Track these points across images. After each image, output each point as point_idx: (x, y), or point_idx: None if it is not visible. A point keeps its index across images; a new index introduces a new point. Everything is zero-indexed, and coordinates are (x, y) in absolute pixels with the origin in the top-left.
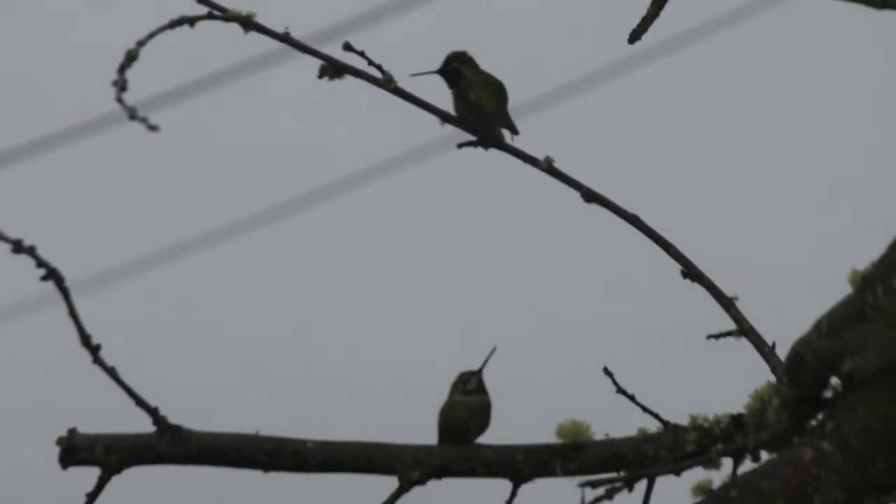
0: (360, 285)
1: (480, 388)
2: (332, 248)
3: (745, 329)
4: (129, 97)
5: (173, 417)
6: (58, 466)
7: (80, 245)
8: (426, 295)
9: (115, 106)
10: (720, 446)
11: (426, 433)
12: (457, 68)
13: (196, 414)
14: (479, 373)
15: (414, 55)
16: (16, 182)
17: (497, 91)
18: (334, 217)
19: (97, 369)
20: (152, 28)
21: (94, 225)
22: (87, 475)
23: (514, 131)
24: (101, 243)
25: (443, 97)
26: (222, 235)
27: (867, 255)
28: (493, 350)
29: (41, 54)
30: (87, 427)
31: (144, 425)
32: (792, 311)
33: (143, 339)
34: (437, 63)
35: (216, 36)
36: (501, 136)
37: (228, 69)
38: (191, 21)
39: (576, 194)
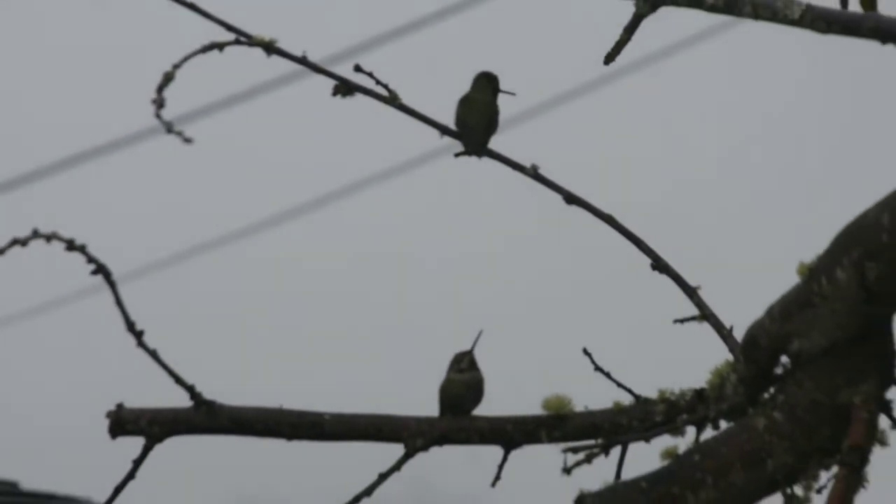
0: (370, 275)
1: (473, 366)
2: (343, 242)
3: (706, 314)
4: (167, 111)
5: (208, 393)
6: (107, 436)
7: (124, 241)
8: (430, 284)
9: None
10: (685, 416)
11: (428, 407)
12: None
13: (227, 390)
14: (470, 353)
15: (417, 73)
16: (69, 187)
17: (483, 110)
18: (347, 215)
19: (141, 351)
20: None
21: (135, 224)
22: (133, 444)
23: (477, 149)
24: (143, 240)
25: (444, 113)
26: (248, 232)
27: (813, 249)
28: (481, 332)
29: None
30: (132, 402)
31: (182, 400)
32: (747, 298)
33: (180, 324)
34: (443, 79)
35: (242, 58)
36: (488, 148)
37: (253, 87)
38: (220, 46)
39: (558, 197)
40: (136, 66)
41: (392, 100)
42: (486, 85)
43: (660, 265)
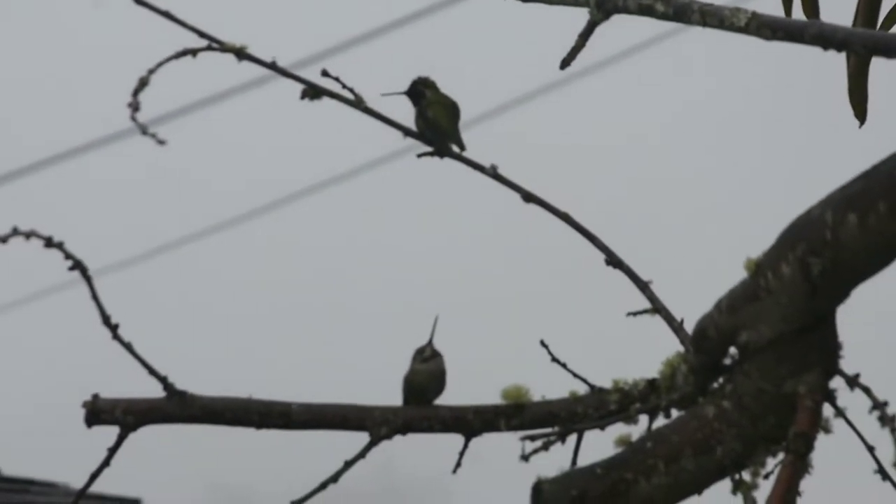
0: (334, 271)
1: (435, 354)
2: (313, 241)
3: (658, 308)
4: (144, 113)
5: (179, 384)
6: (83, 425)
7: (99, 235)
8: (392, 278)
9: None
10: (638, 405)
11: (392, 397)
12: (420, 90)
13: (198, 380)
14: (430, 343)
15: (380, 78)
16: (48, 185)
17: (451, 111)
18: (318, 213)
19: (116, 344)
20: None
21: (111, 220)
22: (108, 433)
23: (461, 147)
24: (118, 235)
25: (405, 115)
26: (219, 228)
27: (759, 245)
28: (436, 319)
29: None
30: (107, 392)
31: (156, 391)
32: (697, 292)
33: (154, 317)
34: (404, 85)
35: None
36: (449, 148)
37: (226, 90)
38: (193, 52)
39: (516, 196)
40: (113, 70)
41: (357, 103)
42: (437, 87)
43: (613, 260)
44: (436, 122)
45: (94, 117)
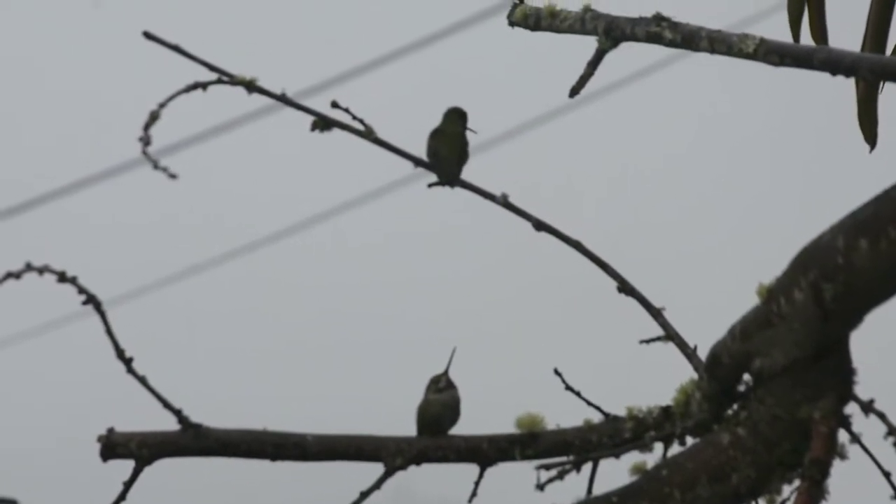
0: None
1: (450, 386)
2: (325, 270)
3: (671, 335)
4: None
5: (194, 417)
6: (99, 459)
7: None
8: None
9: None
10: (653, 433)
11: (406, 427)
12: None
13: (212, 413)
14: (446, 373)
15: (389, 106)
16: (59, 215)
17: (454, 142)
18: (328, 242)
19: (131, 378)
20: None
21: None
22: (124, 466)
23: (450, 179)
24: (129, 264)
25: (416, 144)
26: (230, 257)
27: (771, 271)
28: (454, 350)
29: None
30: (122, 426)
31: (170, 424)
32: (710, 319)
33: (168, 348)
34: (416, 114)
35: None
36: (459, 178)
37: (232, 120)
38: (204, 86)
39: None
40: (123, 102)
41: (368, 134)
42: (457, 119)
43: (626, 288)
44: (436, 151)
45: (103, 149)
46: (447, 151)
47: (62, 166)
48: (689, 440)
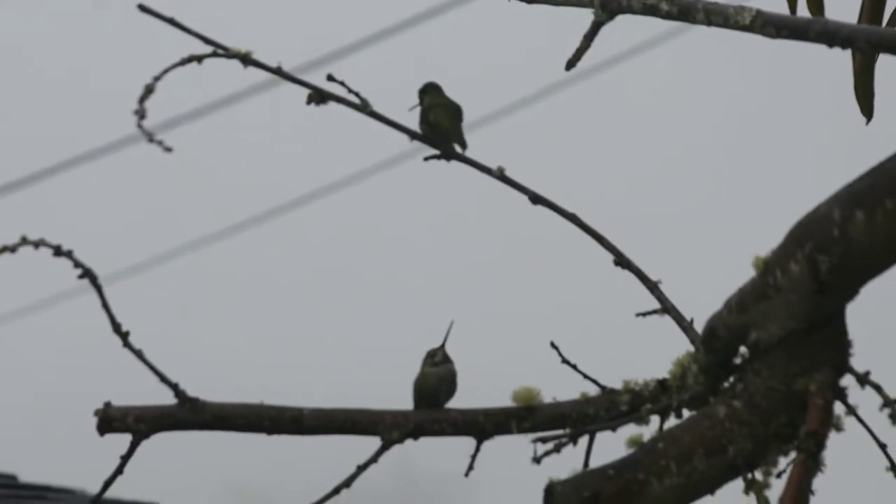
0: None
1: (446, 360)
2: (317, 243)
3: (667, 308)
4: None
5: (192, 389)
6: (95, 434)
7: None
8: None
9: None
10: (649, 406)
11: (402, 401)
12: (421, 97)
13: (209, 387)
14: (442, 347)
15: (385, 82)
16: (56, 191)
17: (453, 112)
18: (330, 213)
19: (127, 351)
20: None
21: (119, 224)
22: (121, 441)
23: (464, 146)
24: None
25: (411, 118)
26: (225, 233)
27: (768, 243)
28: (451, 324)
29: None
30: (119, 400)
31: (167, 397)
32: (706, 292)
33: (164, 321)
34: (410, 86)
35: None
36: (454, 150)
37: (231, 95)
38: (199, 59)
39: (524, 197)
40: (115, 78)
41: (363, 107)
42: (441, 91)
43: (622, 261)
44: (437, 124)
45: (97, 123)
46: (449, 124)
47: (57, 144)
48: (686, 413)
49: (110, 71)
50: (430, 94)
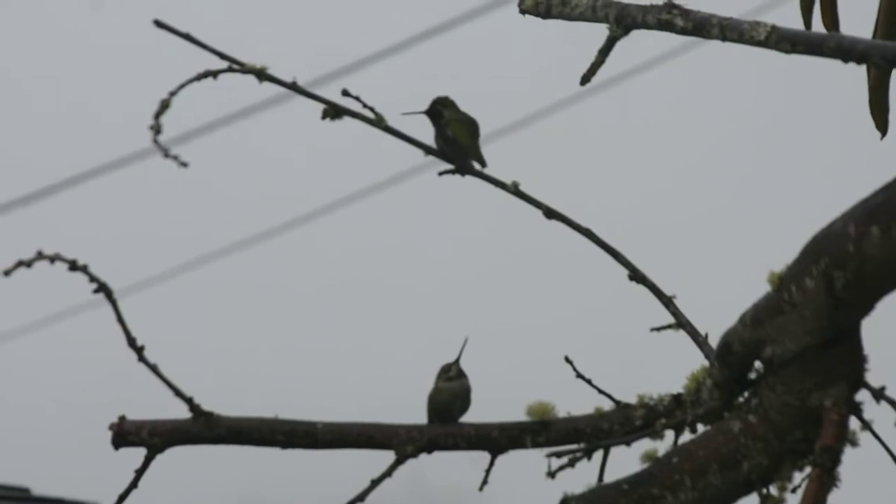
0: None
1: (460, 375)
2: (331, 257)
3: (682, 323)
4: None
5: (208, 399)
6: (106, 448)
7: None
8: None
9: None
10: (663, 421)
11: (416, 415)
12: (439, 110)
13: (224, 399)
14: (457, 362)
15: (400, 96)
16: (71, 205)
17: (470, 128)
18: (344, 226)
19: (142, 366)
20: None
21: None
22: (135, 454)
23: (483, 164)
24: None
25: (425, 133)
26: (240, 246)
27: (782, 258)
28: (466, 340)
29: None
30: (134, 413)
31: (182, 412)
32: (721, 307)
33: (179, 334)
34: (423, 104)
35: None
36: (471, 165)
37: (246, 108)
38: (214, 74)
39: (538, 212)
40: (129, 94)
41: (378, 122)
42: (455, 105)
43: (637, 276)
44: (456, 140)
45: (113, 137)
46: (467, 139)
47: (71, 158)
48: (701, 428)
49: (126, 87)
50: (449, 109)
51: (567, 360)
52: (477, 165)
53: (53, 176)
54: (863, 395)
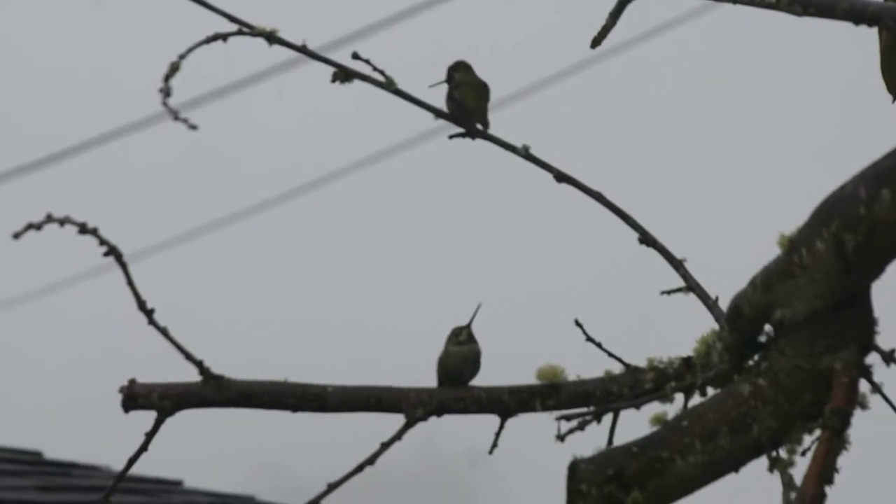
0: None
1: (471, 339)
2: (345, 222)
3: (692, 286)
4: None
5: (215, 368)
6: (117, 412)
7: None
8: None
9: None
10: (673, 384)
11: (427, 379)
12: (451, 74)
13: (233, 366)
14: (468, 326)
15: (411, 60)
16: (80, 170)
17: (479, 91)
18: (354, 192)
19: (152, 329)
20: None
21: (144, 203)
22: (146, 417)
23: (486, 125)
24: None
25: (436, 96)
26: (251, 211)
27: (793, 221)
28: (479, 306)
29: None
30: (144, 377)
31: (192, 375)
32: (731, 270)
33: (187, 301)
34: (433, 70)
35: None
36: (478, 128)
37: (256, 73)
38: (224, 37)
39: (548, 177)
40: (142, 51)
41: (388, 85)
42: (470, 70)
43: (647, 239)
44: (462, 102)
45: (121, 101)
46: (474, 102)
47: (84, 118)
48: (710, 391)
49: (132, 54)
50: (461, 72)
51: (577, 323)
52: (480, 127)
53: (59, 143)
54: (873, 358)
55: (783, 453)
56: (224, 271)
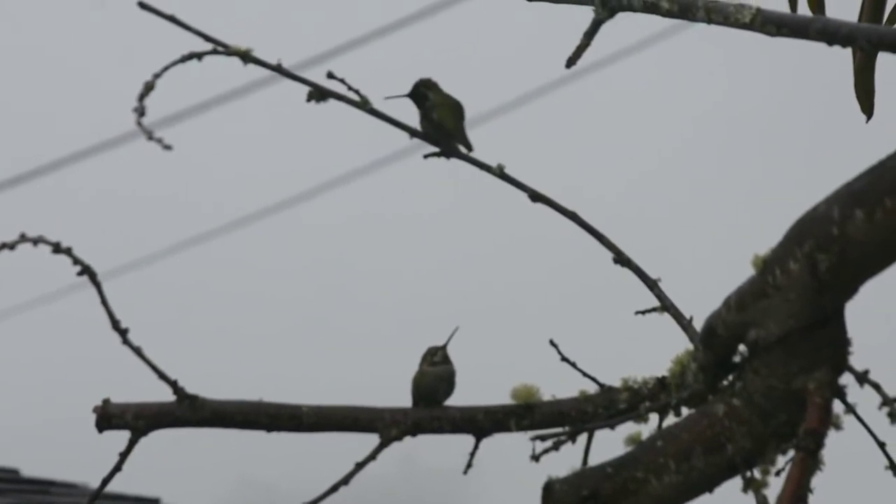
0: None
1: (446, 360)
2: (318, 239)
3: (666, 306)
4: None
5: (189, 388)
6: (94, 430)
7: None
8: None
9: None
10: (648, 404)
11: (401, 398)
12: (423, 92)
13: (207, 384)
14: (444, 347)
15: (385, 79)
16: (55, 188)
17: (456, 111)
18: (321, 211)
19: (126, 348)
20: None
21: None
22: (119, 437)
23: (469, 147)
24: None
25: (410, 116)
26: (225, 229)
27: (767, 242)
28: (456, 329)
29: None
30: (119, 396)
31: (166, 395)
32: (705, 290)
33: (163, 320)
34: (407, 87)
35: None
36: (457, 149)
37: (229, 92)
38: (199, 56)
39: (523, 196)
40: (116, 75)
41: (363, 105)
42: (440, 89)
43: (621, 259)
44: (441, 123)
45: (96, 119)
46: (453, 123)
47: (55, 140)
48: (685, 411)
49: (110, 68)
50: (433, 92)
51: (552, 343)
52: (463, 149)
53: (40, 158)
54: (846, 379)
55: (757, 474)
56: (200, 287)
